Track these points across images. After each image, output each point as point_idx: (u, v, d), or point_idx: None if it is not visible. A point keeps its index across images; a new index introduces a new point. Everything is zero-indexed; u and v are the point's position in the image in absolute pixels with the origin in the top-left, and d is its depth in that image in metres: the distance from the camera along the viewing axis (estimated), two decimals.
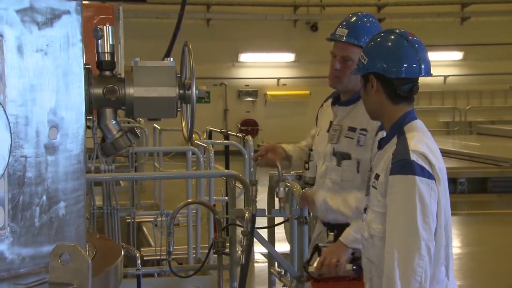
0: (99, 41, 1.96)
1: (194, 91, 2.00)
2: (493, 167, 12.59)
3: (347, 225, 3.09)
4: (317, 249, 3.11)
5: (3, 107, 1.52)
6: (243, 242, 3.62)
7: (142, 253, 7.52)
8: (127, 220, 7.80)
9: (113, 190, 6.80)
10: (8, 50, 1.59)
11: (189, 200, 5.92)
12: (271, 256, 4.73)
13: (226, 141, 9.36)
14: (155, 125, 12.67)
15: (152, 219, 7.40)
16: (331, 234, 3.27)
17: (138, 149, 8.63)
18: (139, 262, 1.95)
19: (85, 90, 1.80)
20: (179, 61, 2.25)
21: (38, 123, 1.66)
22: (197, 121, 2.00)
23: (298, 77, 19.79)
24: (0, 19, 1.58)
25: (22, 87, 1.62)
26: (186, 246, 6.57)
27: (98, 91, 1.95)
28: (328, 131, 3.38)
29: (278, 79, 19.87)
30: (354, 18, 3.36)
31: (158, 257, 6.87)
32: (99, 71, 1.99)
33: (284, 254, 4.64)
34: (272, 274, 5.02)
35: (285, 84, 19.92)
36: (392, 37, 2.61)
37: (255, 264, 7.04)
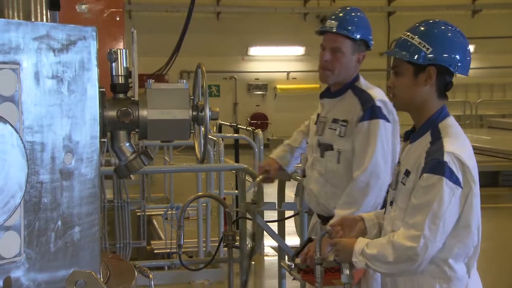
0: (113, 64, 1.97)
1: (208, 113, 2.00)
2: (504, 160, 12.52)
3: None
4: (309, 242, 3.13)
5: (20, 135, 1.54)
6: (253, 230, 3.64)
7: (152, 246, 7.56)
8: (138, 213, 7.84)
9: (123, 184, 6.84)
10: (24, 78, 1.61)
11: (199, 193, 5.93)
12: (281, 250, 4.74)
13: (236, 135, 9.38)
14: None
15: (162, 212, 7.44)
16: (324, 227, 3.29)
17: (148, 142, 8.65)
18: (153, 283, 1.95)
19: (100, 113, 1.82)
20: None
21: (54, 148, 1.68)
22: None
23: (308, 71, 19.73)
24: (17, 48, 1.60)
25: (38, 113, 1.64)
26: (196, 240, 6.60)
27: (112, 113, 1.96)
28: (316, 123, 3.44)
29: (288, 72, 19.83)
30: (343, 11, 3.42)
31: (168, 250, 6.91)
32: (113, 93, 2.00)
33: (294, 248, 4.65)
34: (282, 267, 5.03)
35: (295, 78, 19.88)
36: (458, 33, 2.49)
37: (265, 258, 7.05)
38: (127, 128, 2.00)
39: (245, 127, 9.52)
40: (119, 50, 1.98)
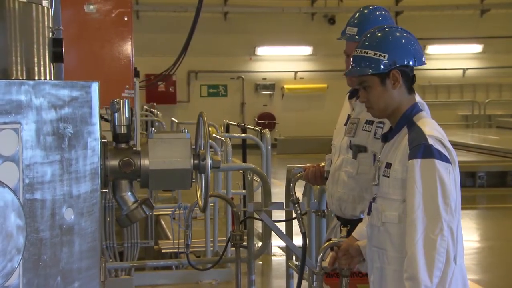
0: (116, 114, 1.99)
1: (209, 162, 2.02)
2: None
3: (360, 220, 3.07)
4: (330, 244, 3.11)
5: (18, 198, 1.52)
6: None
7: (160, 245, 7.57)
8: None
9: None
10: (25, 136, 1.59)
11: None
12: (289, 250, 4.74)
13: (243, 135, 9.38)
14: (172, 118, 12.68)
15: (170, 212, 7.45)
16: (344, 229, 3.27)
17: None
18: None
19: (101, 165, 1.80)
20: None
21: (54, 205, 1.65)
22: (214, 114, 2.01)
23: (316, 71, 19.74)
24: (18, 107, 1.58)
25: (38, 171, 1.62)
26: (204, 239, 6.61)
27: (113, 163, 1.96)
28: (345, 124, 3.38)
29: (296, 72, 19.84)
30: (363, 14, 3.32)
31: (176, 250, 6.91)
32: (115, 143, 2.01)
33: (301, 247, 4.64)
34: (290, 267, 5.04)
35: (302, 78, 19.89)
36: (398, 32, 2.67)
37: (273, 258, 7.05)
38: (129, 178, 1.99)
39: (252, 127, 9.52)
40: (121, 100, 1.99)
